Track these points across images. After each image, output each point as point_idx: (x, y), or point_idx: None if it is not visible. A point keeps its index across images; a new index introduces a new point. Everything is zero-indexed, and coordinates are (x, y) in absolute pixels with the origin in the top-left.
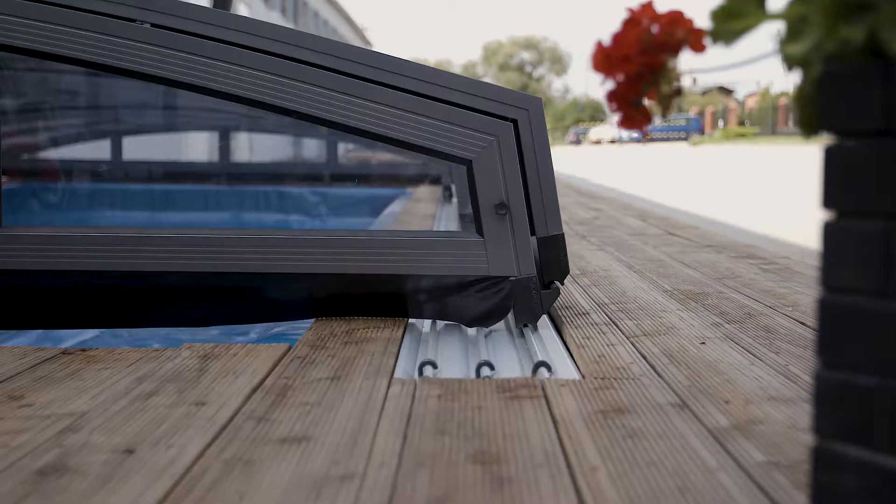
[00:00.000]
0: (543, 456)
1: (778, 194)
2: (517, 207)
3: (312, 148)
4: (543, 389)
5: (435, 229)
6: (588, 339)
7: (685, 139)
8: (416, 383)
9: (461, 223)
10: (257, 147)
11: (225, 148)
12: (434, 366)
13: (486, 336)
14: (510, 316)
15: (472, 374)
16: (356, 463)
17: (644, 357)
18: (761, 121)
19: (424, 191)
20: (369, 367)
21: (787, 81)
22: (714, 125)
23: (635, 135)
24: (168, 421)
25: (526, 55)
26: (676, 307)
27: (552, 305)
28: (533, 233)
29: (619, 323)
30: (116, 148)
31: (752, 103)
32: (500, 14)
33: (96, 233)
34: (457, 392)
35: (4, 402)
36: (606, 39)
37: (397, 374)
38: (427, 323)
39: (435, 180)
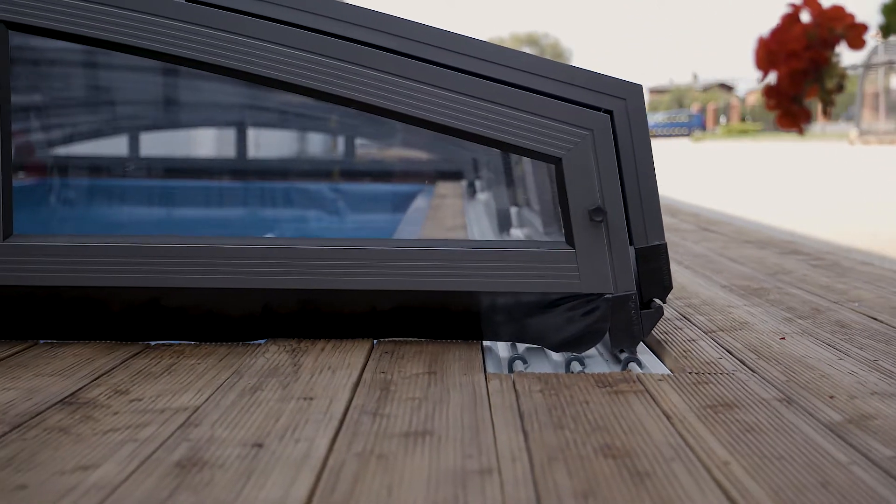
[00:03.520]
0: (671, 450)
1: (792, 191)
2: (614, 213)
3: (328, 144)
4: (643, 384)
5: (467, 226)
6: (666, 334)
7: (687, 135)
8: (513, 378)
9: (498, 220)
10: (278, 143)
11: (242, 144)
12: (524, 361)
13: None
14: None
15: (561, 370)
16: (487, 458)
17: (730, 352)
18: (763, 117)
19: (446, 187)
20: (460, 361)
21: None
22: (716, 121)
23: None
24: (284, 415)
25: (528, 51)
26: (742, 303)
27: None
28: (631, 242)
29: (690, 318)
30: (134, 144)
31: (752, 100)
32: (501, 10)
33: (123, 243)
34: (557, 387)
35: (113, 397)
36: (767, 35)
37: (489, 370)
38: None
39: (455, 176)
